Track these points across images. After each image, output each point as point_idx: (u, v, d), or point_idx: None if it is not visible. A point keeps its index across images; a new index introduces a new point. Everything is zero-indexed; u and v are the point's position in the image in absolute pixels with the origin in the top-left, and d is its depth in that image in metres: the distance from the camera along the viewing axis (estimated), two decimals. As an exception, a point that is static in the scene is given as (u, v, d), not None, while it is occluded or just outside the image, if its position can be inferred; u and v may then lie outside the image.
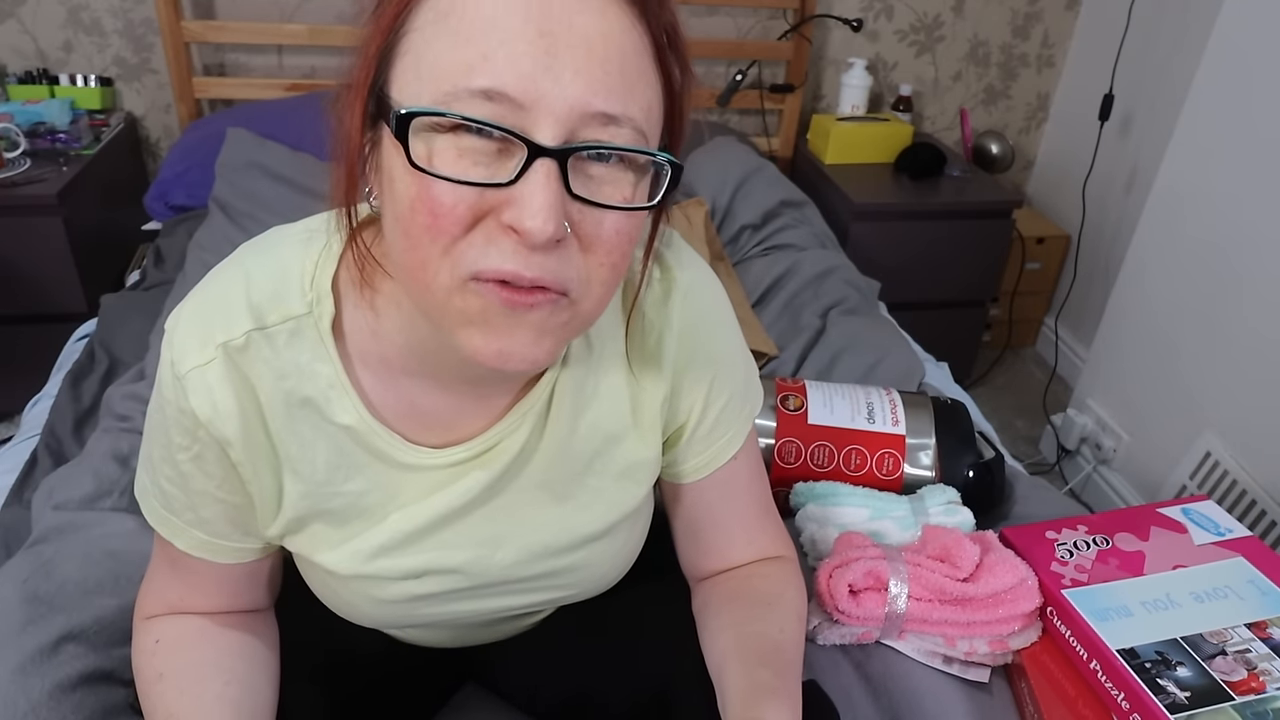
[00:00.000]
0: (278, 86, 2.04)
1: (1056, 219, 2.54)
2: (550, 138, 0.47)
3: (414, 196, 0.48)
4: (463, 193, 0.47)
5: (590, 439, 0.69)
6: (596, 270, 0.51)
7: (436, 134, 0.48)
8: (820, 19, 2.24)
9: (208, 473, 0.62)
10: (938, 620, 0.91)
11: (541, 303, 0.50)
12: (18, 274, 1.73)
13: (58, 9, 1.96)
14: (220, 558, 0.67)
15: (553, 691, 0.85)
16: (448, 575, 0.68)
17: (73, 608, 0.89)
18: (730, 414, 0.73)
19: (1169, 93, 2.09)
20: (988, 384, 2.48)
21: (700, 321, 0.69)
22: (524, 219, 0.46)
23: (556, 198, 0.47)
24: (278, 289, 0.60)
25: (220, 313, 0.59)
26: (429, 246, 0.49)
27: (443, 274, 0.49)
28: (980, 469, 1.13)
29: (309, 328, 0.60)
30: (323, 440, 0.62)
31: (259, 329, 0.59)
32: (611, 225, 0.50)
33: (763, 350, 1.52)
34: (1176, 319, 1.75)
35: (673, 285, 0.68)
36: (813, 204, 1.94)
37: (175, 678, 0.66)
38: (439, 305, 0.51)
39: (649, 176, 0.52)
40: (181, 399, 0.59)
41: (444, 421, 0.65)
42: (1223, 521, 1.01)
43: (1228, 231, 1.63)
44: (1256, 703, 0.79)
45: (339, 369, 0.61)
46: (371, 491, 0.65)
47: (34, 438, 1.29)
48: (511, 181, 0.47)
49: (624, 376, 0.69)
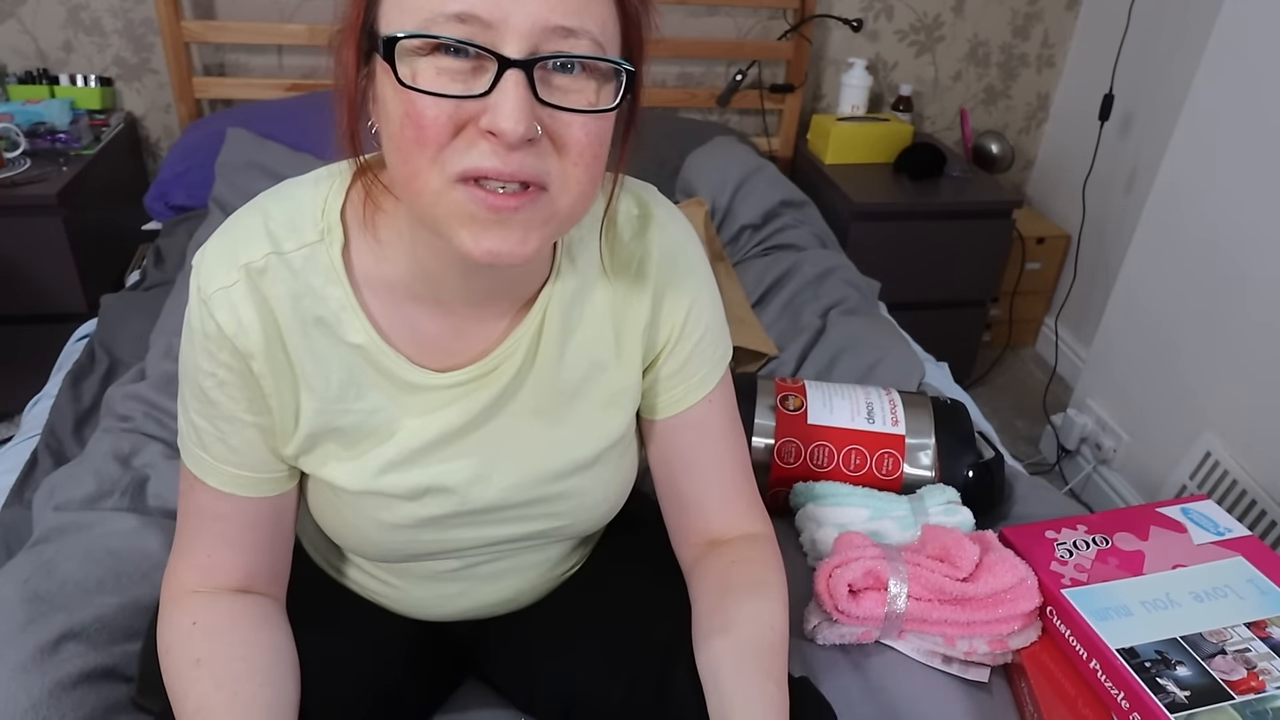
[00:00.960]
0: (278, 86, 2.04)
1: (1056, 219, 2.54)
2: (516, 51, 0.53)
3: (402, 114, 0.54)
4: (444, 105, 0.54)
5: (577, 365, 0.74)
6: (571, 170, 0.57)
7: (419, 57, 0.54)
8: (820, 19, 2.24)
9: (233, 397, 0.67)
10: (937, 620, 0.91)
11: (523, 204, 0.56)
12: (18, 274, 1.73)
13: (58, 9, 1.96)
14: (248, 490, 0.70)
15: (551, 689, 0.85)
16: (447, 496, 0.72)
17: (74, 606, 0.90)
18: (704, 350, 0.78)
19: (1169, 93, 2.09)
20: (988, 384, 2.48)
21: (677, 251, 0.76)
22: (498, 121, 0.53)
23: (525, 102, 0.53)
24: (293, 220, 0.66)
25: (242, 241, 0.65)
26: (418, 157, 0.55)
27: (433, 179, 0.55)
28: (980, 469, 1.13)
29: (321, 254, 0.66)
30: (335, 359, 0.68)
31: (277, 253, 0.65)
32: (580, 127, 0.56)
33: (763, 350, 1.52)
34: (1176, 319, 1.75)
35: (650, 219, 0.75)
36: (813, 204, 1.94)
37: (212, 668, 0.68)
38: (431, 208, 0.57)
39: (611, 84, 0.57)
40: (207, 320, 0.64)
41: (445, 346, 0.70)
42: (1222, 521, 1.01)
43: (1228, 231, 1.63)
44: (1256, 702, 0.80)
45: (349, 292, 0.66)
46: (379, 410, 0.70)
47: (34, 438, 1.29)
48: (486, 93, 0.53)
49: (608, 302, 0.74)
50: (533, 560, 0.83)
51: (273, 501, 0.73)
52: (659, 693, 0.77)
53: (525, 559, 0.82)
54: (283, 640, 0.73)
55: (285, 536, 0.76)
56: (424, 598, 0.82)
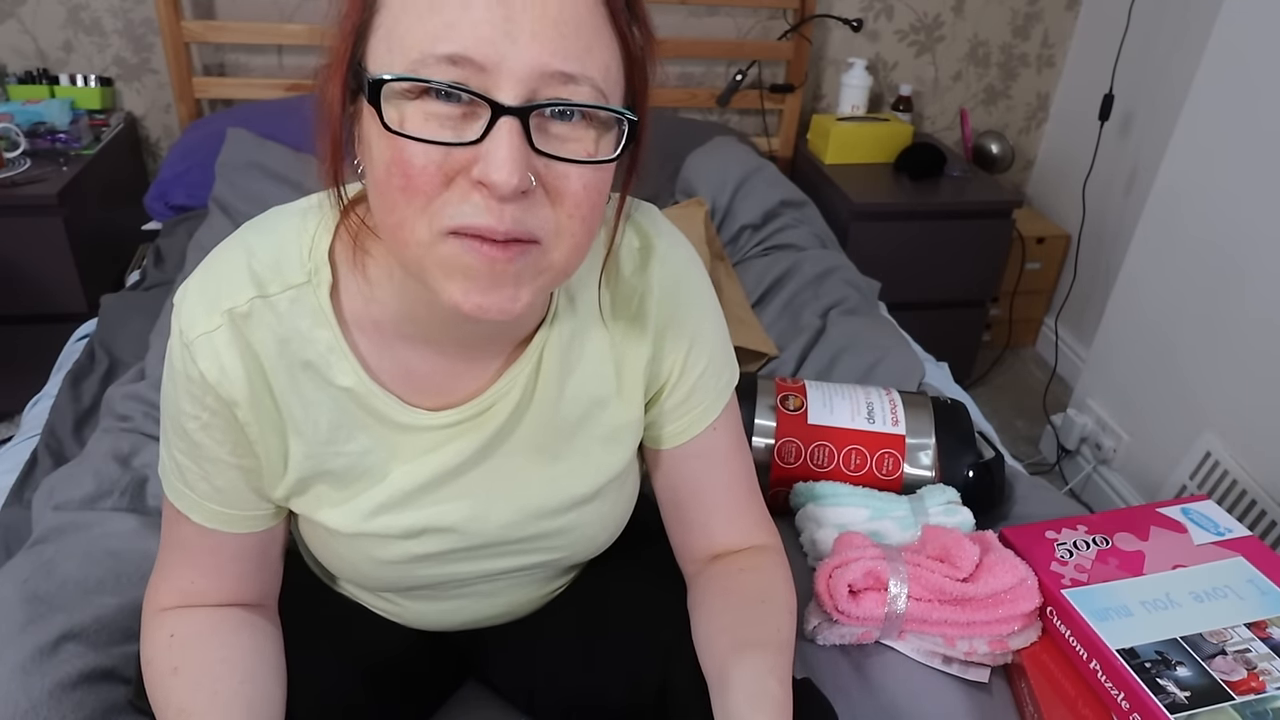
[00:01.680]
0: (278, 86, 2.04)
1: (1056, 219, 2.54)
2: (512, 97, 0.50)
3: (389, 160, 0.52)
4: (433, 153, 0.51)
5: (577, 402, 0.72)
6: (566, 222, 0.54)
7: (407, 100, 0.51)
8: (820, 19, 2.24)
9: (217, 440, 0.65)
10: (937, 620, 0.91)
11: (514, 256, 0.53)
12: (18, 274, 1.73)
13: (58, 9, 1.96)
14: (233, 527, 0.69)
15: (552, 691, 0.85)
16: (444, 534, 0.71)
17: (73, 607, 0.90)
18: (708, 380, 0.76)
19: (1169, 93, 2.09)
20: (988, 384, 2.48)
21: (679, 285, 0.73)
22: (490, 172, 0.50)
23: (520, 152, 0.50)
24: (278, 260, 0.63)
25: (225, 282, 0.63)
26: (405, 207, 0.52)
27: (420, 230, 0.53)
28: (980, 469, 1.13)
29: (308, 296, 0.63)
30: (325, 402, 0.66)
31: (261, 297, 0.62)
32: (578, 179, 0.53)
33: (763, 350, 1.52)
34: (1176, 319, 1.75)
35: (651, 251, 0.72)
36: (813, 204, 1.94)
37: (190, 672, 0.66)
38: (419, 260, 0.54)
39: (612, 133, 0.55)
40: (190, 365, 0.62)
41: (437, 385, 0.68)
42: (1222, 521, 1.01)
43: (1227, 231, 1.63)
44: (1256, 702, 0.79)
45: (338, 334, 0.64)
46: (371, 452, 0.68)
47: (34, 438, 1.29)
48: (478, 140, 0.50)
49: (608, 339, 0.72)
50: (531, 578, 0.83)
51: (259, 536, 0.71)
52: (659, 696, 0.77)
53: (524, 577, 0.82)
54: (265, 642, 0.71)
55: (273, 564, 0.75)
56: (423, 611, 0.82)
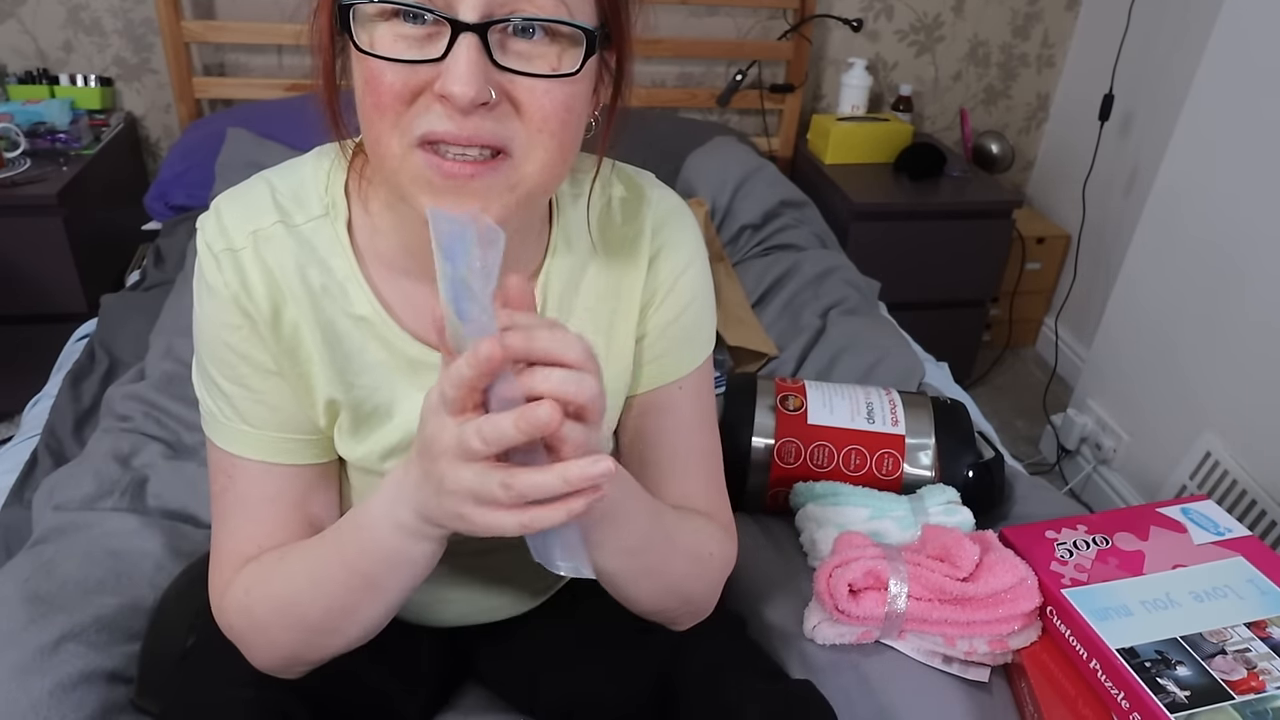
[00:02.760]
0: (278, 86, 2.04)
1: (1056, 219, 2.54)
2: (472, 14, 0.52)
3: (364, 79, 0.55)
4: (400, 70, 0.54)
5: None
6: (537, 136, 0.56)
7: (377, 22, 0.54)
8: (820, 19, 2.24)
9: (258, 347, 0.66)
10: (937, 620, 0.91)
11: (480, 171, 0.55)
12: (18, 274, 1.73)
13: (58, 9, 1.96)
14: (296, 456, 0.69)
15: (552, 691, 0.85)
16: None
17: (74, 607, 0.90)
18: (685, 327, 0.76)
19: (1169, 93, 2.09)
20: (988, 384, 2.48)
21: (671, 224, 0.74)
22: (449, 84, 0.52)
23: (477, 66, 0.52)
24: (298, 194, 0.67)
25: (251, 207, 0.65)
26: (379, 122, 0.55)
27: (394, 144, 0.56)
28: (980, 469, 1.13)
29: (326, 227, 0.66)
30: (342, 331, 0.67)
31: (284, 223, 0.65)
32: (544, 94, 0.55)
33: (763, 350, 1.52)
34: (1176, 319, 1.75)
35: (642, 198, 0.74)
36: (813, 204, 1.94)
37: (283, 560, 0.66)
38: (395, 174, 0.57)
39: (578, 49, 0.56)
40: (218, 275, 0.64)
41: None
42: (1222, 521, 1.01)
43: (1228, 231, 1.63)
44: (1256, 702, 0.79)
45: (354, 264, 0.66)
46: (380, 388, 0.69)
47: (34, 438, 1.29)
48: (441, 57, 0.53)
49: (606, 277, 0.73)
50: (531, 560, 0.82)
51: (322, 469, 0.71)
52: (661, 695, 0.77)
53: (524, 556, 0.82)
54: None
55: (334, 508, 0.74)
56: (424, 603, 0.82)
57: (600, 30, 0.57)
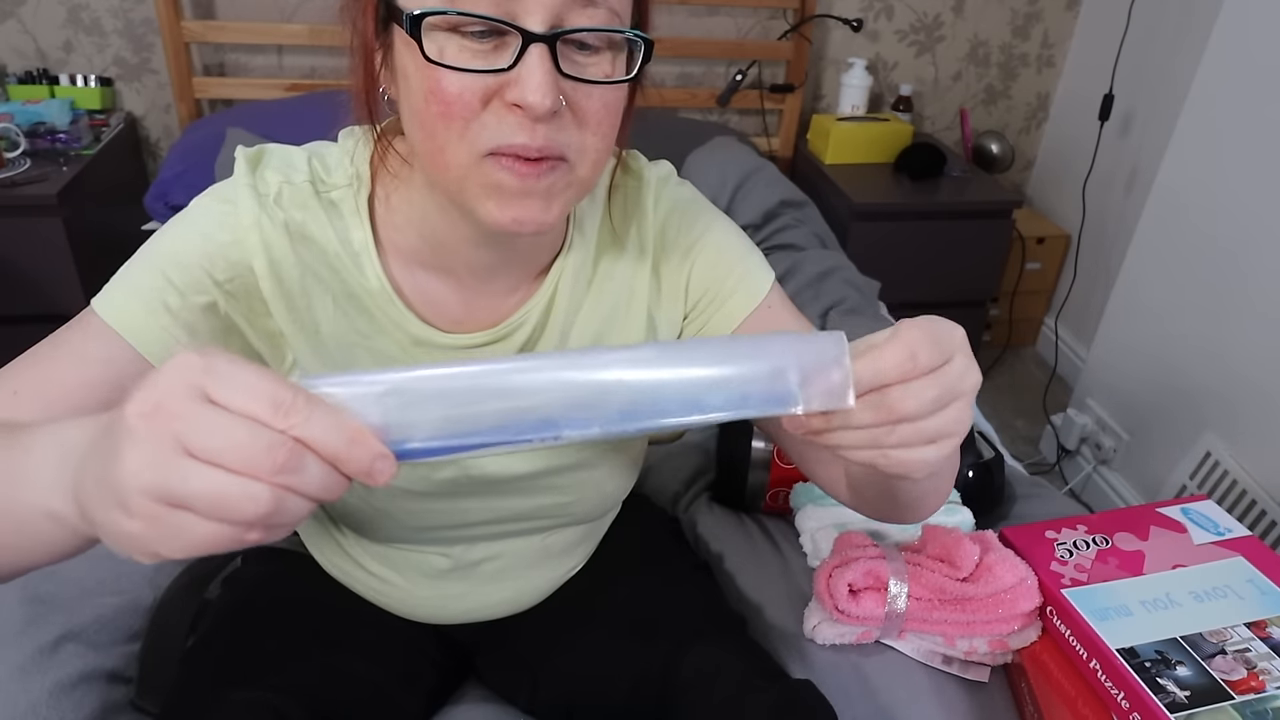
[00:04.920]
0: (278, 86, 2.04)
1: (1056, 219, 2.54)
2: (539, 24, 0.54)
3: (427, 89, 0.55)
4: (468, 80, 0.54)
5: (584, 337, 0.74)
6: (590, 139, 0.58)
7: (442, 32, 0.54)
8: (820, 19, 2.24)
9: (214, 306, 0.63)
10: (938, 620, 0.91)
11: (545, 171, 0.57)
12: (18, 274, 1.73)
13: (58, 9, 1.96)
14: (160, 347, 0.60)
15: (553, 690, 0.85)
16: (454, 461, 0.72)
17: (73, 607, 0.90)
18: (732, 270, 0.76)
19: (1169, 93, 2.09)
20: (988, 384, 2.48)
21: (671, 199, 0.76)
22: (526, 94, 0.53)
23: (550, 75, 0.54)
24: (327, 164, 0.68)
25: (286, 161, 0.67)
26: (445, 132, 0.56)
27: (460, 154, 0.56)
28: (980, 469, 1.13)
29: (348, 199, 0.67)
30: (346, 303, 0.68)
31: (313, 184, 0.67)
32: (599, 99, 0.57)
33: (763, 350, 1.52)
34: (1177, 319, 1.75)
35: (641, 182, 0.75)
36: (813, 204, 1.94)
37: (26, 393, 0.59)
38: (459, 181, 0.58)
39: (624, 55, 0.58)
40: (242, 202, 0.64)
41: (455, 315, 0.71)
42: (1222, 521, 1.01)
43: (1228, 231, 1.63)
44: (1256, 702, 0.79)
45: (370, 238, 0.67)
46: (388, 360, 0.69)
47: (34, 437, 1.29)
48: (510, 66, 0.54)
49: (612, 271, 0.74)
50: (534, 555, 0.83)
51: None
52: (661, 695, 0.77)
53: (527, 553, 0.82)
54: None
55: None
56: (427, 597, 0.82)
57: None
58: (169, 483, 0.36)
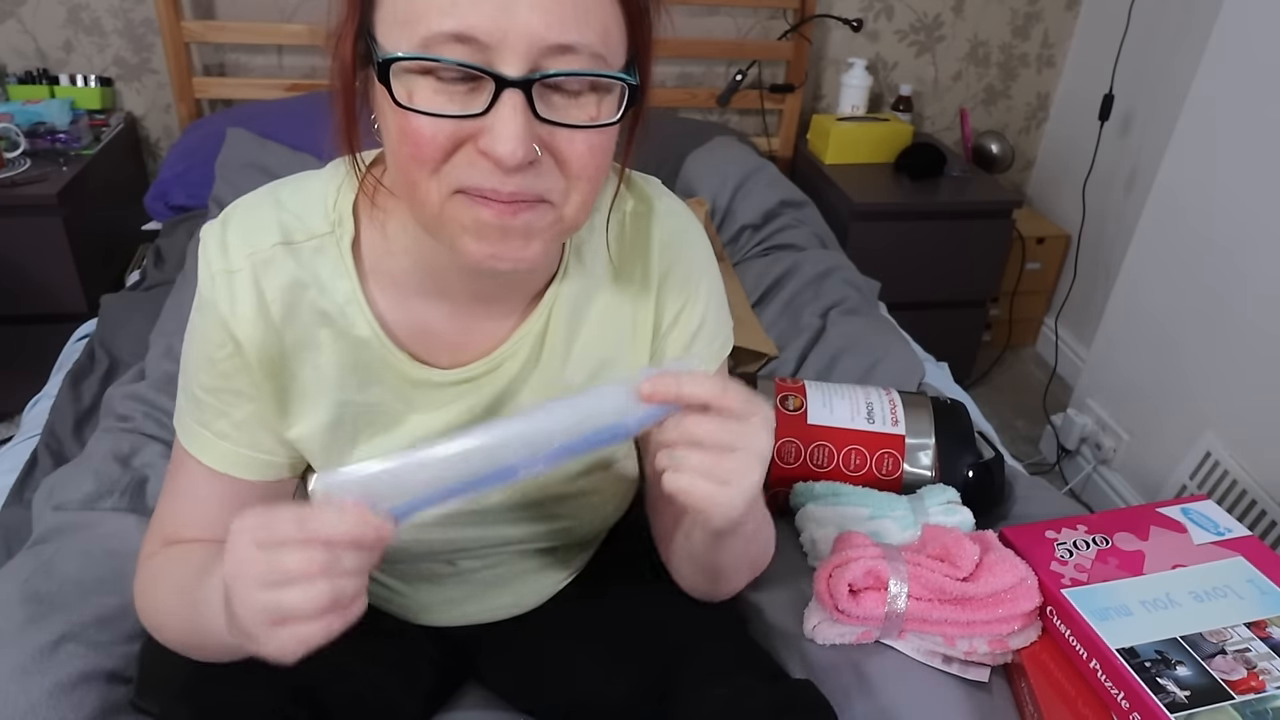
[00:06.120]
0: (278, 86, 2.04)
1: (1056, 219, 2.54)
2: (514, 69, 0.52)
3: (398, 130, 0.54)
4: (441, 124, 0.53)
5: (583, 365, 0.73)
6: (575, 182, 0.57)
7: (414, 75, 0.53)
8: (820, 19, 2.24)
9: (239, 368, 0.66)
10: (937, 620, 0.91)
11: (522, 210, 0.56)
12: (18, 274, 1.73)
13: (58, 9, 1.96)
14: (247, 472, 0.70)
15: (553, 692, 0.85)
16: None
17: (73, 607, 0.90)
18: (702, 340, 0.77)
19: (1169, 93, 2.09)
20: (988, 384, 2.48)
21: (677, 242, 0.75)
22: (496, 146, 0.52)
23: (524, 126, 0.52)
24: (304, 211, 0.66)
25: (252, 226, 0.65)
26: (416, 171, 0.55)
27: (432, 192, 0.56)
28: (980, 469, 1.13)
29: (331, 246, 0.66)
30: (338, 353, 0.67)
31: (285, 243, 0.65)
32: (583, 142, 0.55)
33: (763, 350, 1.52)
34: (1176, 319, 1.75)
35: (650, 212, 0.74)
36: (813, 204, 1.94)
37: (177, 558, 0.69)
38: (434, 218, 0.57)
39: (614, 94, 0.56)
40: (213, 293, 0.64)
41: (451, 341, 0.70)
42: (1222, 521, 1.01)
43: (1228, 231, 1.63)
44: (1256, 702, 0.79)
45: (356, 286, 0.66)
46: (381, 406, 0.70)
47: (34, 438, 1.29)
48: (483, 112, 0.53)
49: (617, 299, 0.73)
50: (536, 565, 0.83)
51: (266, 488, 0.71)
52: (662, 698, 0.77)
53: (529, 563, 0.82)
54: None
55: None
56: (429, 603, 0.82)
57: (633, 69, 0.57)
58: (268, 610, 0.50)
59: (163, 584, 0.69)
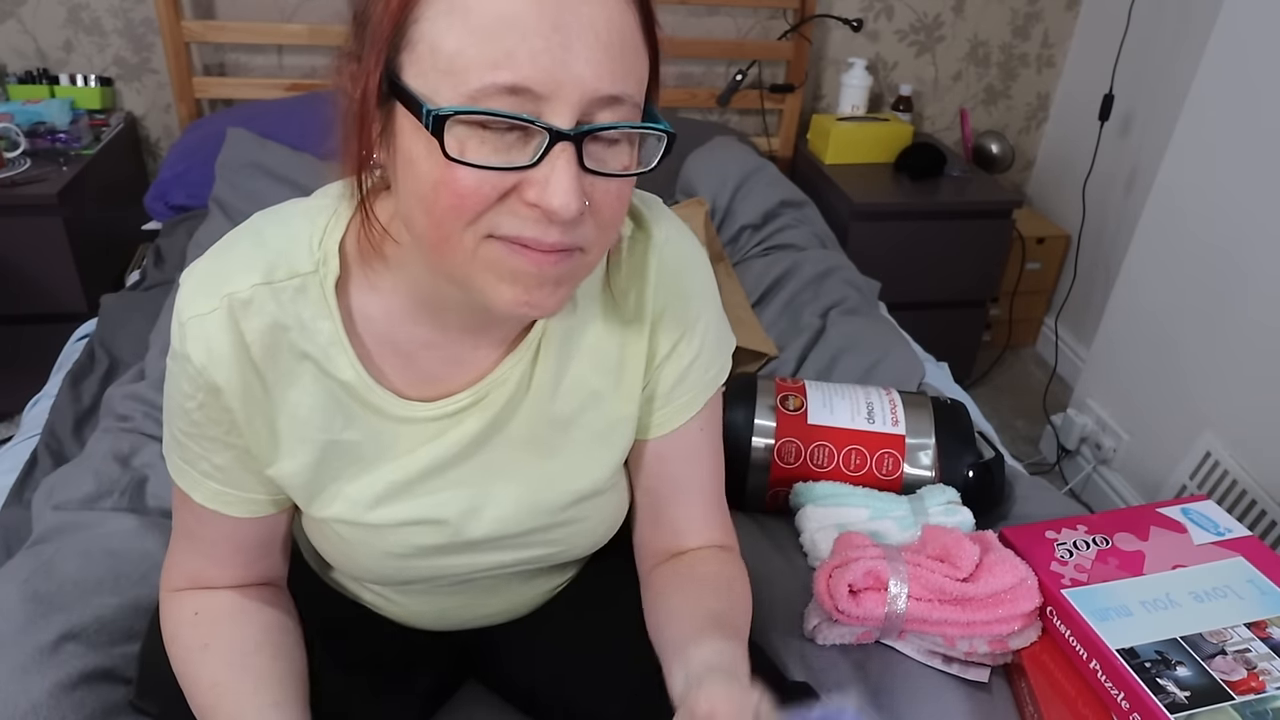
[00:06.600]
0: (278, 86, 2.04)
1: (1056, 219, 2.54)
2: (566, 121, 0.51)
3: (438, 180, 0.52)
4: (486, 175, 0.52)
5: (573, 395, 0.72)
6: (602, 229, 0.57)
7: (462, 127, 0.51)
8: (820, 19, 2.24)
9: (213, 419, 0.65)
10: (938, 620, 0.91)
11: (563, 259, 0.55)
12: (18, 274, 1.73)
13: (58, 9, 1.96)
14: (232, 509, 0.69)
15: (552, 691, 0.85)
16: (439, 527, 0.71)
17: (73, 607, 0.90)
18: (696, 371, 0.75)
19: (1169, 93, 2.09)
20: (988, 384, 2.48)
21: (674, 273, 0.73)
22: (550, 199, 0.51)
23: (576, 178, 0.52)
24: (287, 248, 0.64)
25: (231, 267, 0.63)
26: (453, 223, 0.53)
27: (466, 240, 0.54)
28: (980, 469, 1.13)
29: (314, 286, 0.64)
30: (321, 393, 0.66)
31: (266, 284, 0.62)
32: (615, 190, 0.56)
33: (763, 350, 1.52)
34: (1176, 319, 1.75)
35: (649, 241, 0.72)
36: (813, 204, 1.94)
37: (222, 648, 0.69)
38: (463, 266, 0.55)
39: (639, 143, 0.57)
40: (182, 345, 0.62)
41: (438, 374, 0.69)
42: (1222, 521, 1.01)
43: (1227, 231, 1.63)
44: (1256, 702, 0.79)
45: (339, 327, 0.64)
46: (366, 443, 0.68)
47: (34, 438, 1.29)
48: (534, 164, 0.52)
49: (609, 330, 0.72)
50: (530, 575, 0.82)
51: (260, 524, 0.71)
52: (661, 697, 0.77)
53: (523, 576, 0.82)
54: (287, 618, 0.74)
55: (276, 553, 0.75)
56: (423, 611, 0.82)
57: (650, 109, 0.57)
58: None
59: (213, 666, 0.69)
